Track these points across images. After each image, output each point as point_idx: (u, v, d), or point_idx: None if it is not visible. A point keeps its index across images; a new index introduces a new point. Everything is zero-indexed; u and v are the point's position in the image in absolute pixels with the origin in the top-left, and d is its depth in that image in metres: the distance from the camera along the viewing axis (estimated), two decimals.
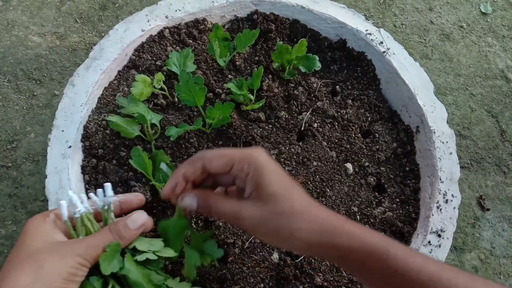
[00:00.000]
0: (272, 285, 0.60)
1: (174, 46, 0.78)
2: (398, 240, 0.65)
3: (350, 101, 0.76)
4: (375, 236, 0.43)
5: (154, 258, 0.48)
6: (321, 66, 0.75)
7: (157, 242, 0.50)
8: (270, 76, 0.76)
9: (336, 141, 0.72)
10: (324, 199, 0.67)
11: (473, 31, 1.27)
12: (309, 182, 0.68)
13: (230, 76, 0.75)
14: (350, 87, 0.78)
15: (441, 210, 0.65)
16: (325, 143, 0.72)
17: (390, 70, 0.76)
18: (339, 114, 0.74)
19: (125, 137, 0.67)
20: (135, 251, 0.48)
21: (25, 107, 1.01)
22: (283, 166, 0.68)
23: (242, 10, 0.81)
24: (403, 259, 0.41)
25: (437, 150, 0.69)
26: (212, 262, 0.60)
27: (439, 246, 0.63)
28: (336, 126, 0.74)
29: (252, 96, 0.71)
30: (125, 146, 0.68)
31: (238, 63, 0.76)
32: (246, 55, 0.78)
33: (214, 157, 0.46)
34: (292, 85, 0.76)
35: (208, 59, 0.77)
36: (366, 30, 0.78)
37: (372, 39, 0.77)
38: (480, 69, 1.20)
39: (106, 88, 0.73)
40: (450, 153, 0.69)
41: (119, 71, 0.75)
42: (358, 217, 0.67)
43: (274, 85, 0.74)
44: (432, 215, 0.65)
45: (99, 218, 0.50)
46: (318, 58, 0.75)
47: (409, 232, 0.66)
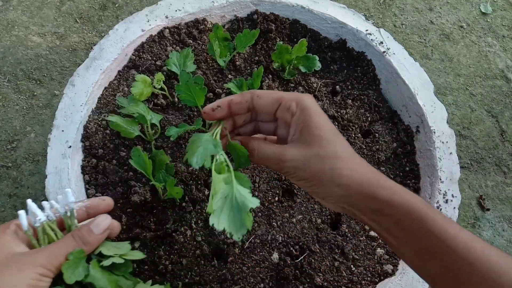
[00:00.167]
0: (272, 285, 0.60)
1: (174, 46, 0.78)
2: None
3: (350, 101, 0.76)
4: (416, 197, 0.42)
5: (121, 261, 0.46)
6: (321, 66, 0.75)
7: (123, 245, 0.48)
8: (270, 76, 0.76)
9: None
10: None
11: (473, 31, 1.27)
12: None
13: (230, 76, 0.75)
14: (350, 87, 0.78)
15: (441, 210, 0.65)
16: None
17: (390, 70, 0.76)
18: (339, 114, 0.74)
19: (125, 137, 0.67)
20: (102, 257, 0.46)
21: (25, 107, 1.01)
22: None
23: (242, 10, 0.81)
24: (441, 223, 0.40)
25: (437, 150, 0.69)
26: (212, 262, 0.60)
27: None
28: (336, 126, 0.74)
29: None
30: (125, 146, 0.68)
31: (238, 63, 0.76)
32: (246, 55, 0.78)
33: (264, 93, 0.45)
34: (292, 85, 0.76)
35: (208, 59, 0.77)
36: (366, 30, 0.78)
37: (372, 39, 0.77)
38: (480, 69, 1.20)
39: (106, 88, 0.73)
40: (450, 153, 0.69)
41: (119, 71, 0.75)
42: None
43: (274, 85, 0.74)
44: None
45: (64, 226, 0.47)
46: (318, 58, 0.75)
47: None
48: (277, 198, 0.66)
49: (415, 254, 0.42)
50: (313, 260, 0.62)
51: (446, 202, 0.66)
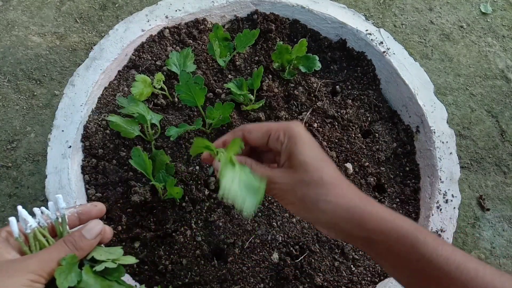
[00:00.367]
0: (272, 285, 0.60)
1: (174, 46, 0.78)
2: None
3: (350, 101, 0.76)
4: (405, 220, 0.43)
5: (113, 266, 0.46)
6: (321, 66, 0.75)
7: (116, 250, 0.48)
8: (270, 76, 0.76)
9: (336, 141, 0.72)
10: None
11: (473, 31, 1.27)
12: None
13: (230, 76, 0.75)
14: (350, 87, 0.78)
15: (441, 210, 0.65)
16: (325, 143, 0.72)
17: (390, 70, 0.76)
18: (339, 114, 0.74)
19: (125, 137, 0.67)
20: (94, 262, 0.46)
21: (25, 107, 1.01)
22: None
23: (242, 10, 0.81)
24: (432, 246, 0.41)
25: (437, 150, 0.69)
26: (212, 262, 0.60)
27: None
28: (336, 126, 0.74)
29: (252, 96, 0.71)
30: (125, 146, 0.68)
31: (238, 63, 0.76)
32: (246, 55, 0.78)
33: (253, 127, 0.47)
34: (292, 85, 0.76)
35: (208, 59, 0.77)
36: (366, 30, 0.78)
37: (372, 39, 0.77)
38: (480, 69, 1.20)
39: (106, 88, 0.73)
40: (450, 153, 0.69)
41: (119, 71, 0.75)
42: None
43: (274, 85, 0.74)
44: (432, 215, 0.65)
45: (56, 232, 0.47)
46: (318, 58, 0.75)
47: None
48: None
49: (409, 278, 0.42)
50: (313, 260, 0.62)
51: (446, 202, 0.66)
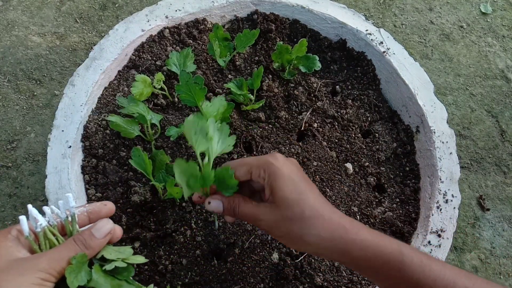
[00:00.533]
0: (272, 285, 0.60)
1: (174, 46, 0.78)
2: (398, 240, 0.65)
3: (350, 101, 0.76)
4: (390, 244, 0.44)
5: (123, 265, 0.46)
6: (321, 66, 0.75)
7: (126, 250, 0.48)
8: (270, 76, 0.76)
9: (336, 141, 0.72)
10: None
11: (473, 31, 1.27)
12: None
13: (230, 76, 0.75)
14: (350, 87, 0.78)
15: (441, 210, 0.65)
16: (325, 143, 0.72)
17: (390, 70, 0.76)
18: (339, 114, 0.74)
19: (125, 137, 0.67)
20: (104, 261, 0.46)
21: (25, 107, 1.01)
22: None
23: (242, 10, 0.81)
24: (419, 267, 0.42)
25: (437, 150, 0.69)
26: (212, 262, 0.60)
27: (439, 246, 0.63)
28: (336, 126, 0.74)
29: (252, 96, 0.71)
30: (125, 146, 0.68)
31: (238, 63, 0.76)
32: (246, 55, 0.78)
33: (237, 165, 0.48)
34: (292, 85, 0.76)
35: (208, 59, 0.77)
36: (366, 30, 0.78)
37: (372, 39, 0.77)
38: (480, 69, 1.20)
39: (106, 88, 0.73)
40: (450, 153, 0.69)
41: (119, 71, 0.75)
42: (358, 217, 0.67)
43: (274, 85, 0.74)
44: (432, 215, 0.65)
45: (65, 231, 0.47)
46: (318, 58, 0.75)
47: (409, 232, 0.66)
48: None
49: None
50: (313, 260, 0.62)
51: (446, 202, 0.66)
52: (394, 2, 1.29)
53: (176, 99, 0.72)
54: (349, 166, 0.70)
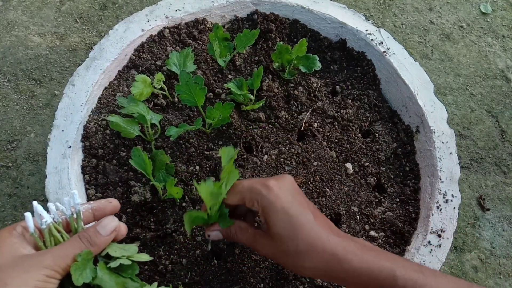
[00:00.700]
0: (272, 285, 0.60)
1: (174, 46, 0.78)
2: (398, 240, 0.66)
3: (350, 101, 0.76)
4: (384, 268, 0.44)
5: (128, 263, 0.46)
6: (321, 66, 0.75)
7: (130, 247, 0.48)
8: (270, 76, 0.76)
9: (336, 141, 0.72)
10: (324, 199, 0.67)
11: (473, 31, 1.27)
12: (309, 182, 0.68)
13: (230, 76, 0.76)
14: (350, 87, 0.78)
15: (441, 210, 0.65)
16: (325, 143, 0.72)
17: (390, 70, 0.76)
18: (339, 114, 0.74)
19: (125, 137, 0.67)
20: (108, 259, 0.46)
21: (25, 107, 1.01)
22: (283, 166, 0.68)
23: (242, 10, 0.81)
24: None
25: (437, 150, 0.69)
26: (212, 262, 0.60)
27: (439, 246, 0.63)
28: (336, 126, 0.74)
29: (252, 96, 0.71)
30: (125, 146, 0.68)
31: (238, 63, 0.76)
32: (246, 55, 0.78)
33: (230, 194, 0.50)
34: (292, 85, 0.76)
35: (208, 59, 0.77)
36: (366, 30, 0.78)
37: (372, 39, 0.77)
38: (480, 69, 1.20)
39: (106, 88, 0.73)
40: (450, 153, 0.69)
41: (119, 71, 0.75)
42: (358, 217, 0.67)
43: (274, 85, 0.74)
44: (432, 215, 0.65)
45: (70, 228, 0.47)
46: (318, 58, 0.75)
47: (409, 232, 0.66)
48: None
49: None
50: None
51: (446, 202, 0.66)
52: (394, 2, 1.29)
53: (176, 99, 0.72)
54: (349, 166, 0.70)
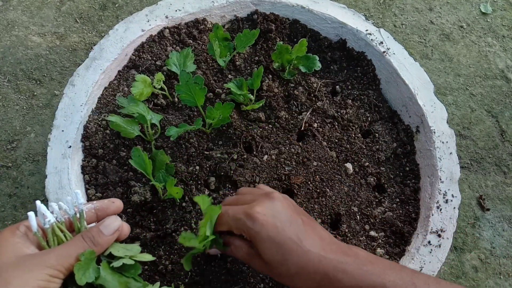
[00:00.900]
0: (272, 285, 0.60)
1: (174, 46, 0.78)
2: (398, 240, 0.66)
3: (350, 101, 0.76)
4: (376, 285, 0.45)
5: (131, 263, 0.46)
6: (321, 66, 0.75)
7: (133, 247, 0.48)
8: (270, 76, 0.76)
9: (336, 141, 0.72)
10: (324, 199, 0.67)
11: (473, 31, 1.27)
12: (309, 182, 0.68)
13: (230, 76, 0.76)
14: (350, 87, 0.78)
15: (441, 210, 0.65)
16: (325, 143, 0.72)
17: (390, 70, 0.76)
18: (339, 114, 0.74)
19: (125, 137, 0.67)
20: (111, 258, 0.46)
21: (25, 107, 1.01)
22: (283, 166, 0.68)
23: (242, 10, 0.81)
24: None
25: (437, 150, 0.69)
26: (212, 262, 0.60)
27: (439, 246, 0.63)
28: (336, 126, 0.74)
29: (252, 96, 0.71)
30: (125, 146, 0.68)
31: (238, 63, 0.76)
32: (246, 55, 0.78)
33: (217, 225, 0.50)
34: (292, 85, 0.76)
35: (208, 59, 0.77)
36: (366, 30, 0.78)
37: (372, 39, 0.78)
38: (480, 69, 1.20)
39: (106, 88, 0.73)
40: (450, 153, 0.69)
41: (119, 71, 0.75)
42: (358, 217, 0.67)
43: (274, 85, 0.74)
44: (432, 215, 0.65)
45: (73, 227, 0.48)
46: (318, 58, 0.75)
47: (409, 232, 0.66)
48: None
49: None
50: None
51: (446, 202, 0.66)
52: (394, 2, 1.29)
53: (176, 99, 0.72)
54: (349, 166, 0.70)
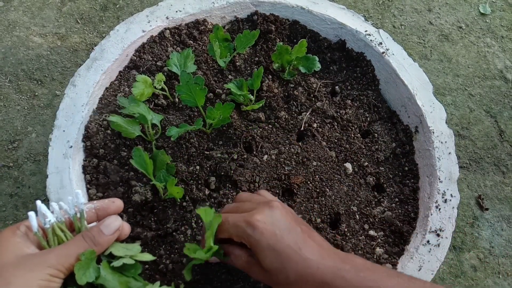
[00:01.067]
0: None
1: (175, 46, 0.78)
2: (397, 239, 0.66)
3: (350, 101, 0.77)
4: (375, 286, 0.45)
5: (131, 262, 0.46)
6: (320, 67, 0.76)
7: (133, 247, 0.49)
8: (270, 76, 0.76)
9: (335, 141, 0.73)
10: (323, 199, 0.67)
11: (472, 32, 1.27)
12: (309, 182, 0.68)
13: (230, 76, 0.76)
14: (349, 88, 0.78)
15: (440, 209, 0.66)
16: (324, 143, 0.72)
17: (389, 70, 0.76)
18: (339, 114, 0.75)
19: (126, 137, 0.67)
20: (112, 258, 0.46)
21: (26, 107, 1.01)
22: (283, 166, 0.69)
23: (242, 11, 0.82)
24: None
25: (436, 150, 0.70)
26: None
27: (438, 245, 0.63)
28: (335, 126, 0.74)
29: (252, 96, 0.71)
30: (126, 146, 0.68)
31: (238, 64, 0.77)
32: (246, 56, 0.78)
33: (218, 232, 0.51)
34: (292, 85, 0.76)
35: (208, 60, 0.77)
36: (366, 31, 0.79)
37: (371, 40, 0.78)
38: (479, 69, 1.21)
39: (107, 88, 0.73)
40: (449, 153, 0.70)
41: (120, 72, 0.75)
42: (357, 216, 0.67)
43: (274, 85, 0.75)
44: (431, 215, 0.65)
45: (74, 227, 0.48)
46: (317, 58, 0.75)
47: (408, 231, 0.66)
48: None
49: None
50: None
51: (445, 201, 0.66)
52: (393, 3, 1.29)
53: (176, 100, 0.73)
54: (348, 166, 0.71)
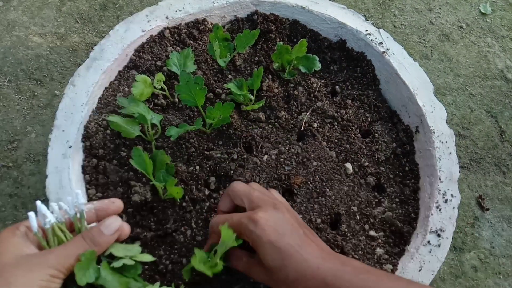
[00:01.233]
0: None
1: (175, 46, 0.78)
2: (397, 240, 0.66)
3: (350, 101, 0.76)
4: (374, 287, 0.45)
5: (131, 263, 0.46)
6: (321, 67, 0.75)
7: (134, 248, 0.49)
8: (270, 76, 0.76)
9: (336, 141, 0.73)
10: (323, 199, 0.67)
11: (472, 32, 1.27)
12: (309, 182, 0.68)
13: (230, 76, 0.76)
14: (349, 87, 0.78)
15: (440, 210, 0.65)
16: (324, 143, 0.72)
17: (389, 70, 0.76)
18: (339, 114, 0.75)
19: (125, 137, 0.67)
20: (112, 258, 0.46)
21: (25, 107, 1.01)
22: (283, 166, 0.69)
23: (242, 11, 0.81)
24: None
25: (436, 150, 0.69)
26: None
27: (439, 245, 0.63)
28: (335, 126, 0.74)
29: (252, 96, 0.71)
30: (125, 146, 0.68)
31: (238, 64, 0.77)
32: (246, 56, 0.78)
33: (220, 225, 0.50)
34: (292, 85, 0.76)
35: (208, 60, 0.77)
36: (366, 31, 0.79)
37: (371, 40, 0.78)
38: (479, 69, 1.20)
39: (106, 88, 0.73)
40: (450, 153, 0.70)
41: (120, 71, 0.75)
42: (357, 216, 0.67)
43: (274, 85, 0.75)
44: (431, 215, 0.65)
45: (73, 228, 0.48)
46: (318, 58, 0.75)
47: (408, 231, 0.66)
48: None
49: None
50: None
51: (446, 202, 0.66)
52: (394, 3, 1.29)
53: (176, 99, 0.73)
54: (348, 166, 0.70)
